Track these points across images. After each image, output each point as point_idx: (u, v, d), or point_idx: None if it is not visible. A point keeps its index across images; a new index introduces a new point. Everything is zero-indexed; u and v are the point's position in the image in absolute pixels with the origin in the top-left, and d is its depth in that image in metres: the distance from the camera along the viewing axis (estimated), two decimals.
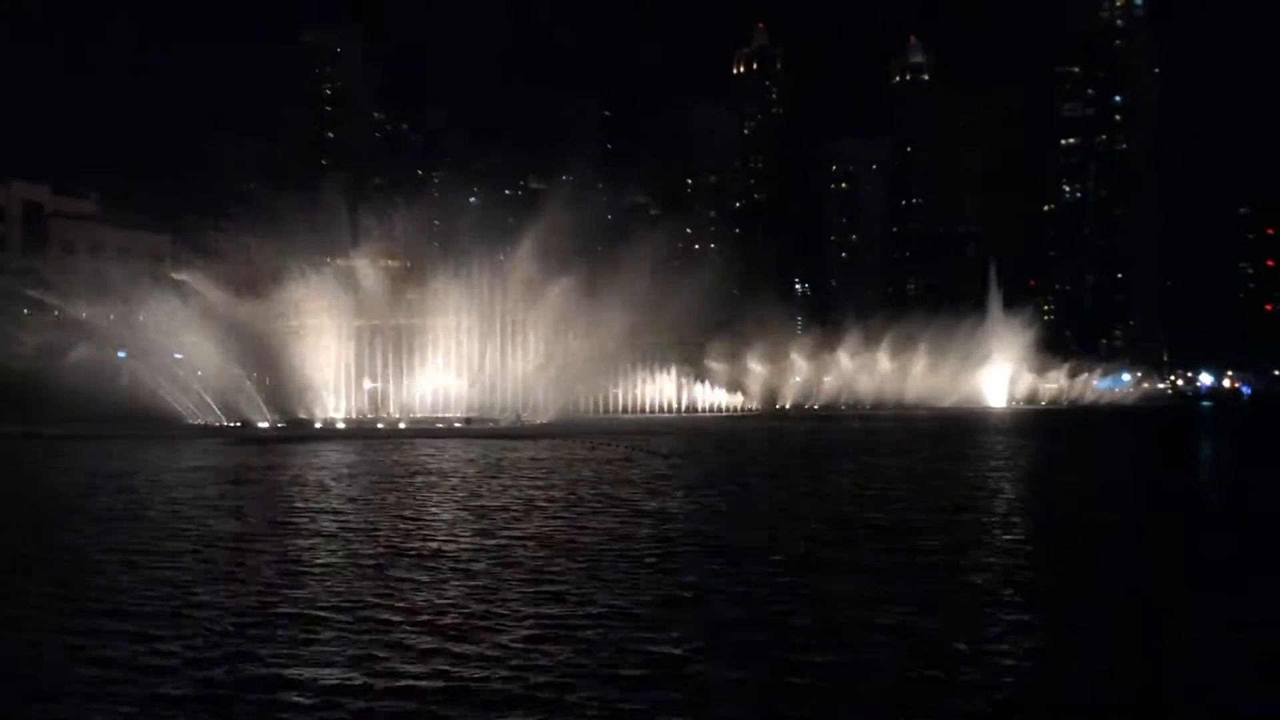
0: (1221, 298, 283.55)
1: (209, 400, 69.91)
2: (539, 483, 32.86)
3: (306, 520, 24.03)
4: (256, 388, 71.72)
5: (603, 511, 25.50)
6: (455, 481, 33.47)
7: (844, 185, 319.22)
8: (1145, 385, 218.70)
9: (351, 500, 28.33)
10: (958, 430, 75.09)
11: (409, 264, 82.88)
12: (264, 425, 67.37)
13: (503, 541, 20.63)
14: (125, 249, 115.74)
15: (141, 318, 71.50)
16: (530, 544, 20.30)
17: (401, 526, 22.94)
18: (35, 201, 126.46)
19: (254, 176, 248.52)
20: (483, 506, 26.53)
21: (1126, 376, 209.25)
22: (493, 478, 34.50)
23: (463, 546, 20.04)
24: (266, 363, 72.95)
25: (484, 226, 76.54)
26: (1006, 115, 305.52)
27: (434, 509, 26.21)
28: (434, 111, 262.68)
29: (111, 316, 73.45)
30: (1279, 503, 30.83)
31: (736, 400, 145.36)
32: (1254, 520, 26.06)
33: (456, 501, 27.85)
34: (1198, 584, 17.33)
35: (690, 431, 69.34)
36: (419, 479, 34.41)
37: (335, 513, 25.42)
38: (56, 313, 78.66)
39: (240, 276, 75.25)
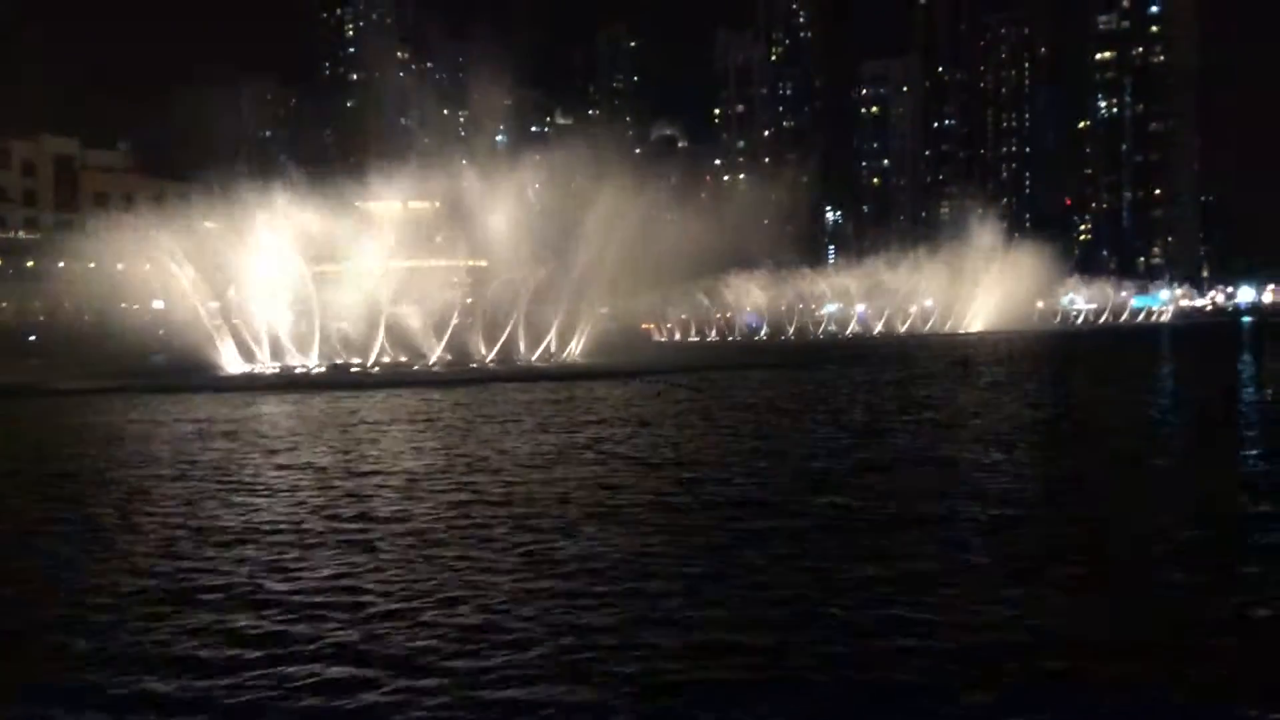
0: (1262, 212, 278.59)
1: (250, 346, 70.90)
2: None
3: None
4: (288, 333, 72.40)
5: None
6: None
7: (874, 109, 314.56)
8: (1183, 302, 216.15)
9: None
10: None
11: (437, 204, 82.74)
12: (301, 370, 68.27)
13: None
14: (157, 198, 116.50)
15: (175, 268, 72.17)
16: None
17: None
18: (66, 155, 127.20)
19: (275, 121, 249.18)
20: None
21: (1164, 294, 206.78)
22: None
23: None
24: (299, 307, 73.44)
25: (510, 164, 76.16)
26: (1039, 31, 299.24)
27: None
28: (459, 49, 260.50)
29: (147, 267, 74.17)
30: None
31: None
32: None
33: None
34: None
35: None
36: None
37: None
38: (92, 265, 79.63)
39: (267, 222, 75.46)
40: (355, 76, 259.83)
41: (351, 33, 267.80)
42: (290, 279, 72.02)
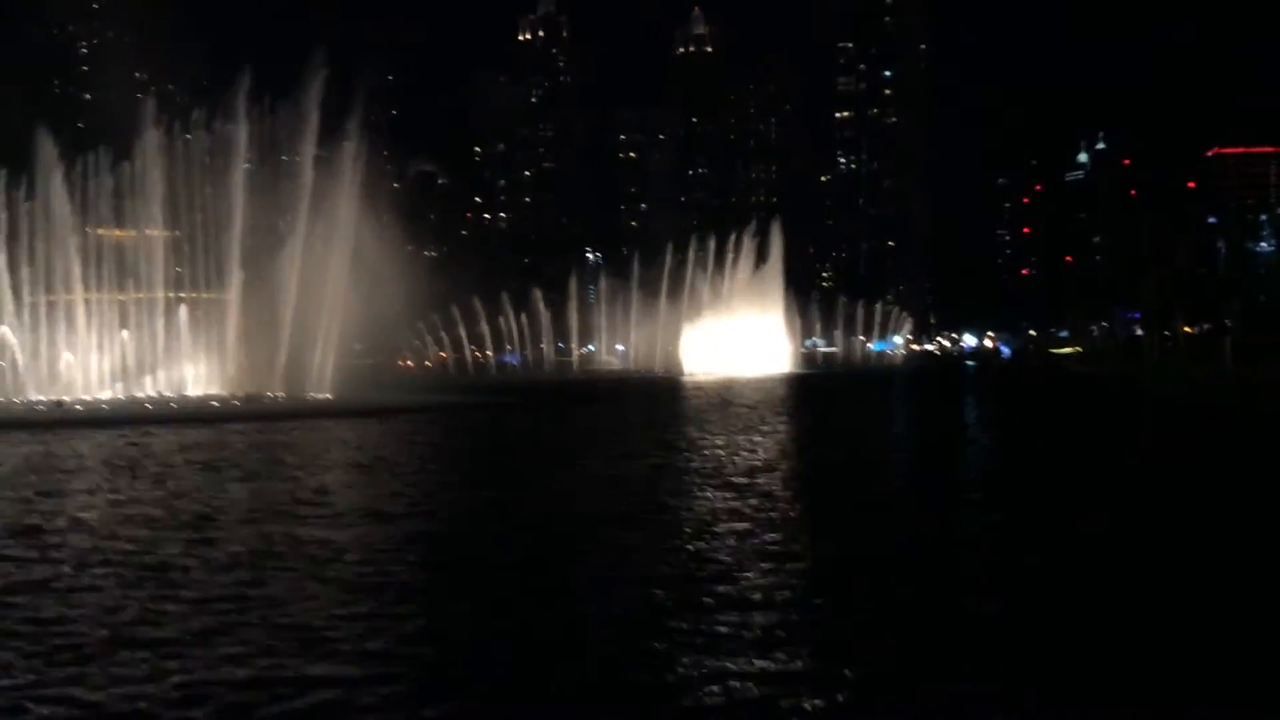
0: (982, 263, 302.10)
1: None
2: None
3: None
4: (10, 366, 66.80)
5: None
6: None
7: (633, 155, 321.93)
8: (913, 347, 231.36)
9: None
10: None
11: (177, 233, 78.47)
12: (21, 404, 62.63)
13: None
14: None
15: None
16: None
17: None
18: None
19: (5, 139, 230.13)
20: None
21: (897, 339, 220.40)
22: None
23: None
24: (21, 340, 67.97)
25: (259, 193, 72.91)
26: (786, 88, 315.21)
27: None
28: (204, 73, 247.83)
29: None
30: None
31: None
32: None
33: None
34: None
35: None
36: None
37: None
38: None
39: None
40: (88, 96, 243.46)
41: (85, 51, 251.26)
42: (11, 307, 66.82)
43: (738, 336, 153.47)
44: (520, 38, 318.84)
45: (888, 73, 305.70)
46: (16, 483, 27.67)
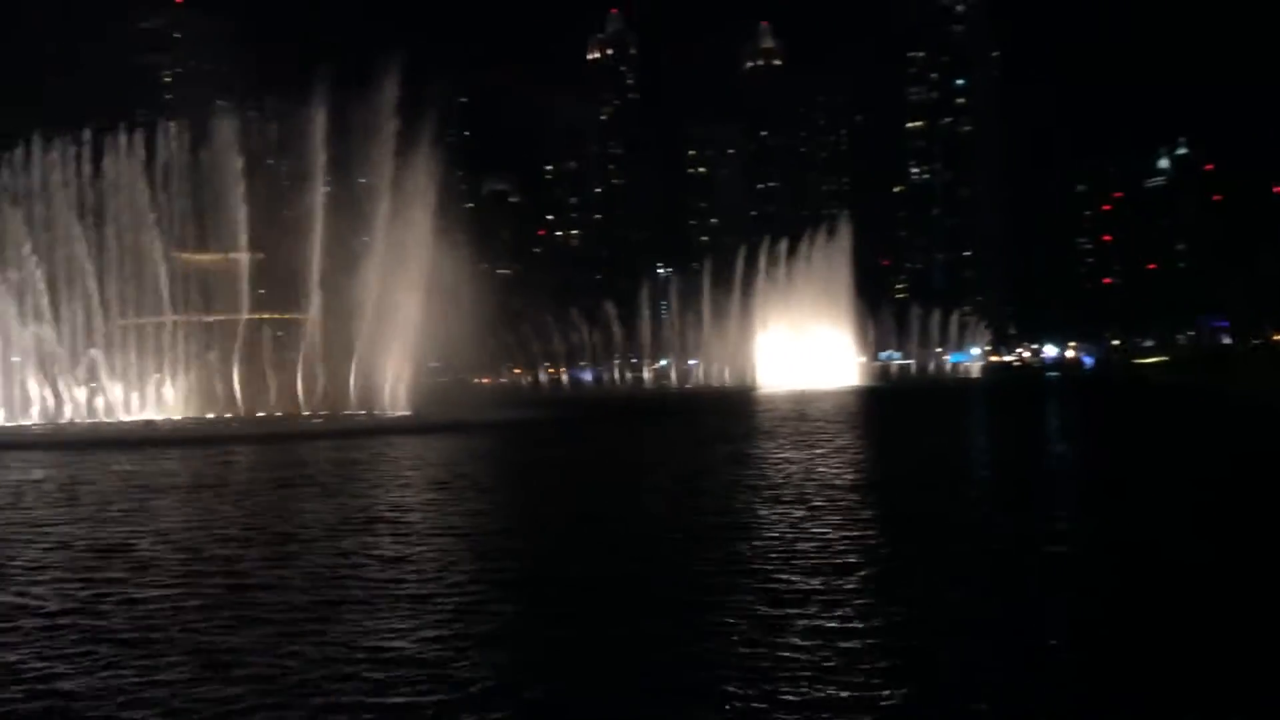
0: (1062, 272, 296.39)
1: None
2: None
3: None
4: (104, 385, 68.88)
5: None
6: None
7: (702, 170, 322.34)
8: (992, 358, 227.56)
9: None
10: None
11: (261, 256, 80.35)
12: (114, 423, 64.36)
13: None
14: None
15: None
16: None
17: None
18: None
19: (80, 165, 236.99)
20: None
21: (975, 350, 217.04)
22: None
23: None
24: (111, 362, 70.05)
25: (336, 211, 74.22)
26: (855, 99, 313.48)
27: None
28: (287, 98, 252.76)
29: None
30: None
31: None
32: None
33: None
34: None
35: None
36: None
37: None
38: None
39: (78, 271, 71.86)
40: (172, 124, 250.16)
41: (169, 79, 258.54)
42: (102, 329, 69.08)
43: (810, 349, 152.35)
44: (589, 56, 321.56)
45: (960, 81, 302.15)
46: (109, 501, 28.26)
